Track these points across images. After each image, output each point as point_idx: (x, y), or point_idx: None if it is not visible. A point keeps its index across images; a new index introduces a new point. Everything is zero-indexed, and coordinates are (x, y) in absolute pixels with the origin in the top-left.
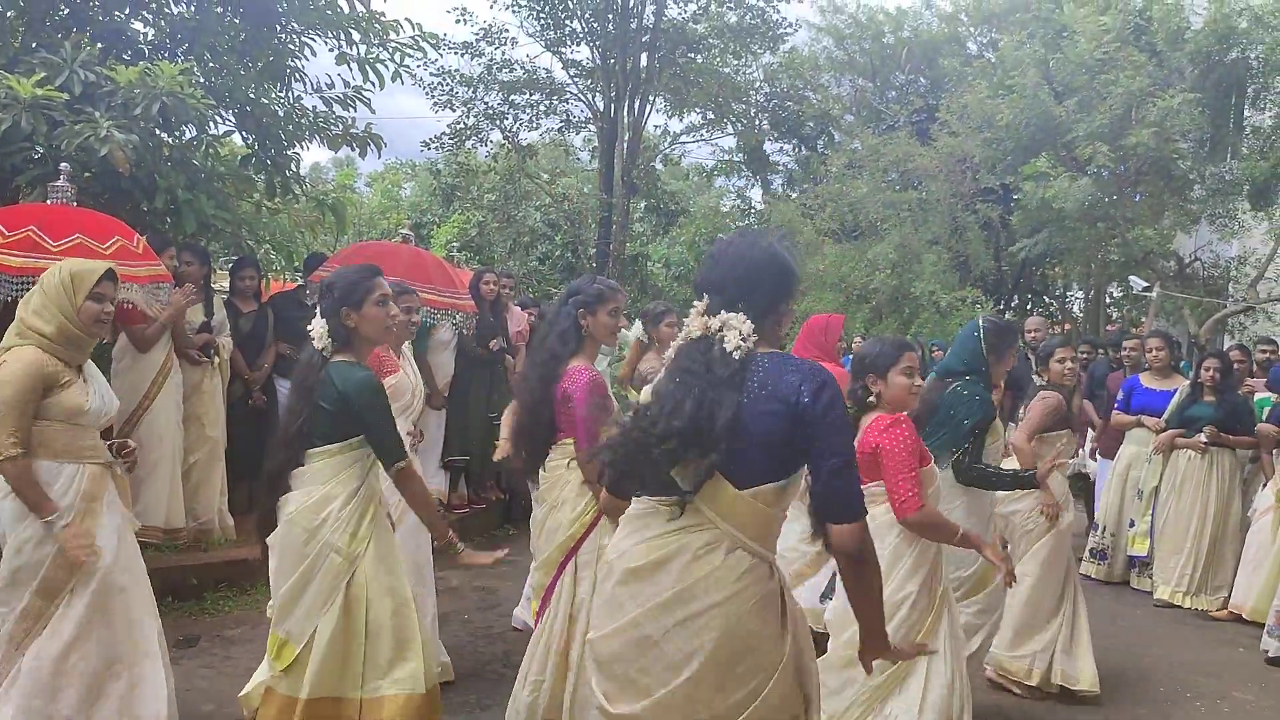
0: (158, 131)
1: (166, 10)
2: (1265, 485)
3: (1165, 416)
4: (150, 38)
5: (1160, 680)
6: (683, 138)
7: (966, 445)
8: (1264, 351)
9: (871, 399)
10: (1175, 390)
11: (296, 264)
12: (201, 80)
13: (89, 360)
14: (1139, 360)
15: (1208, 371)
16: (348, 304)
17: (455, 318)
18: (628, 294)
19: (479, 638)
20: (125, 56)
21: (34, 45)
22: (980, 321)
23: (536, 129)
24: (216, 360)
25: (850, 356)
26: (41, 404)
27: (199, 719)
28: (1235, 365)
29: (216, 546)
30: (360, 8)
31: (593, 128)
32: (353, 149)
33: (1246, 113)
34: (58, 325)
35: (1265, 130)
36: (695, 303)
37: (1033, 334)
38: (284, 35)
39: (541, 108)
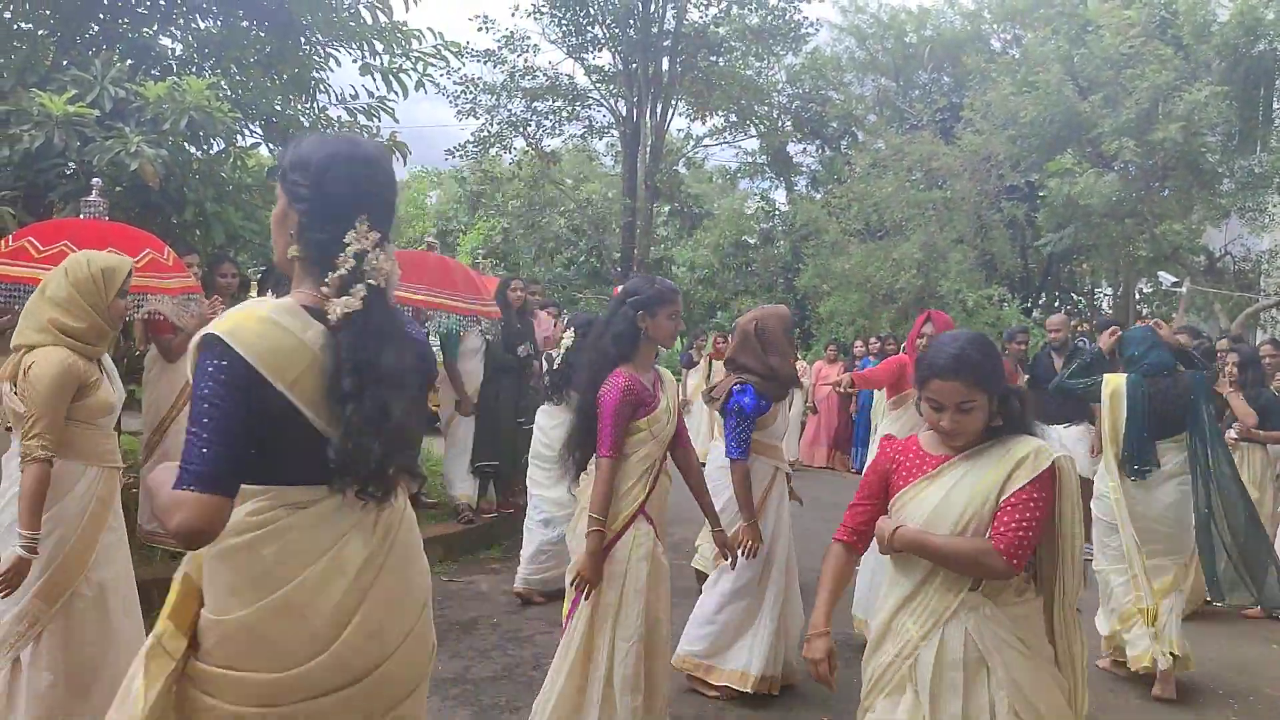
0: (186, 145)
1: (194, 25)
2: None
3: None
4: (178, 53)
5: (1191, 677)
6: (705, 141)
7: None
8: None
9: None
10: None
11: None
12: (228, 93)
13: (105, 354)
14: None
15: (1227, 365)
16: None
17: (482, 325)
18: None
19: (508, 641)
20: (154, 72)
21: (65, 63)
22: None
23: (560, 135)
24: None
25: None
26: (72, 405)
27: None
28: (1268, 360)
29: None
30: (383, 18)
31: (615, 133)
32: None
33: (1275, 105)
34: (89, 322)
35: None
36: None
37: (1054, 333)
38: (308, 47)
39: (564, 114)
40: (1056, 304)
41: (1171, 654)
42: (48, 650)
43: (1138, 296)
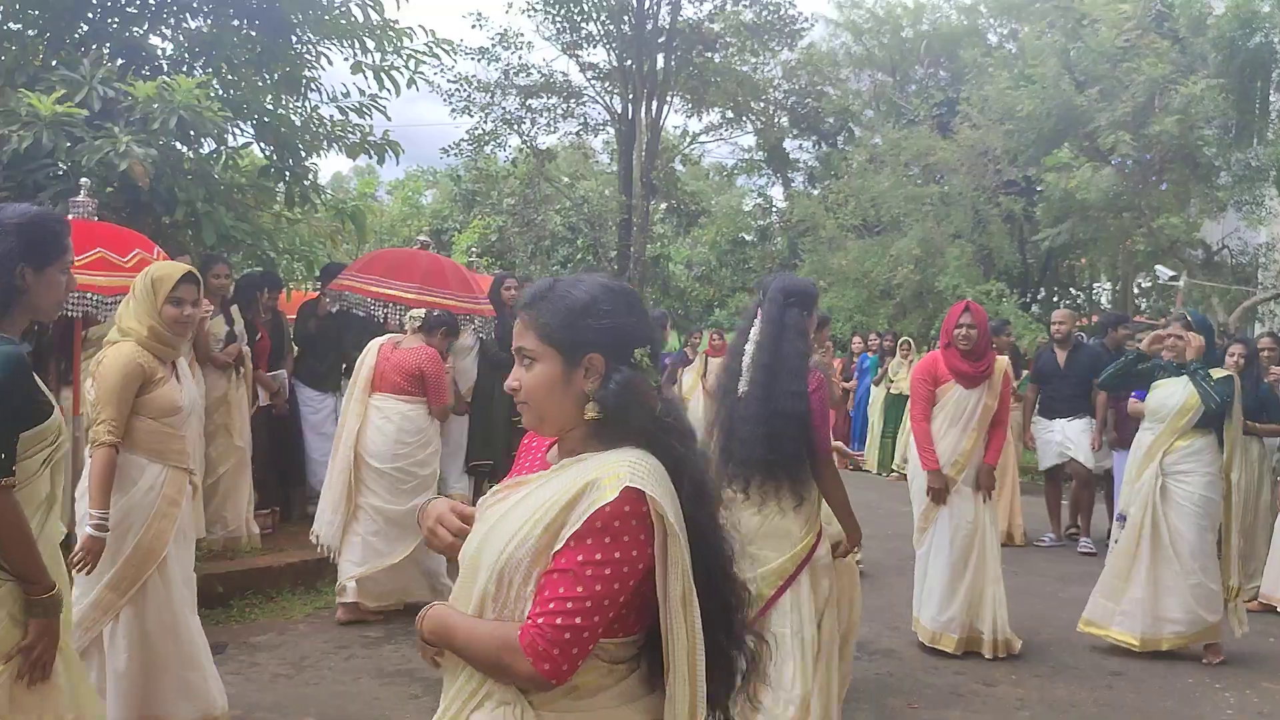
0: (177, 145)
1: (184, 25)
2: None
3: None
4: (168, 52)
5: (1188, 671)
6: (702, 137)
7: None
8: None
9: None
10: None
11: (317, 273)
12: (219, 93)
13: (181, 358)
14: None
15: (1232, 358)
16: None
17: (476, 323)
18: (650, 295)
19: None
20: (144, 72)
21: (54, 63)
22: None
23: (555, 132)
24: (242, 371)
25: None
26: (138, 400)
27: None
28: (1266, 353)
29: (244, 554)
30: (375, 16)
31: (611, 130)
32: (371, 157)
33: (1271, 97)
34: (148, 327)
35: None
36: None
37: (1058, 326)
38: (299, 46)
39: (559, 111)
40: (1055, 299)
41: None
42: (124, 634)
43: (1136, 290)
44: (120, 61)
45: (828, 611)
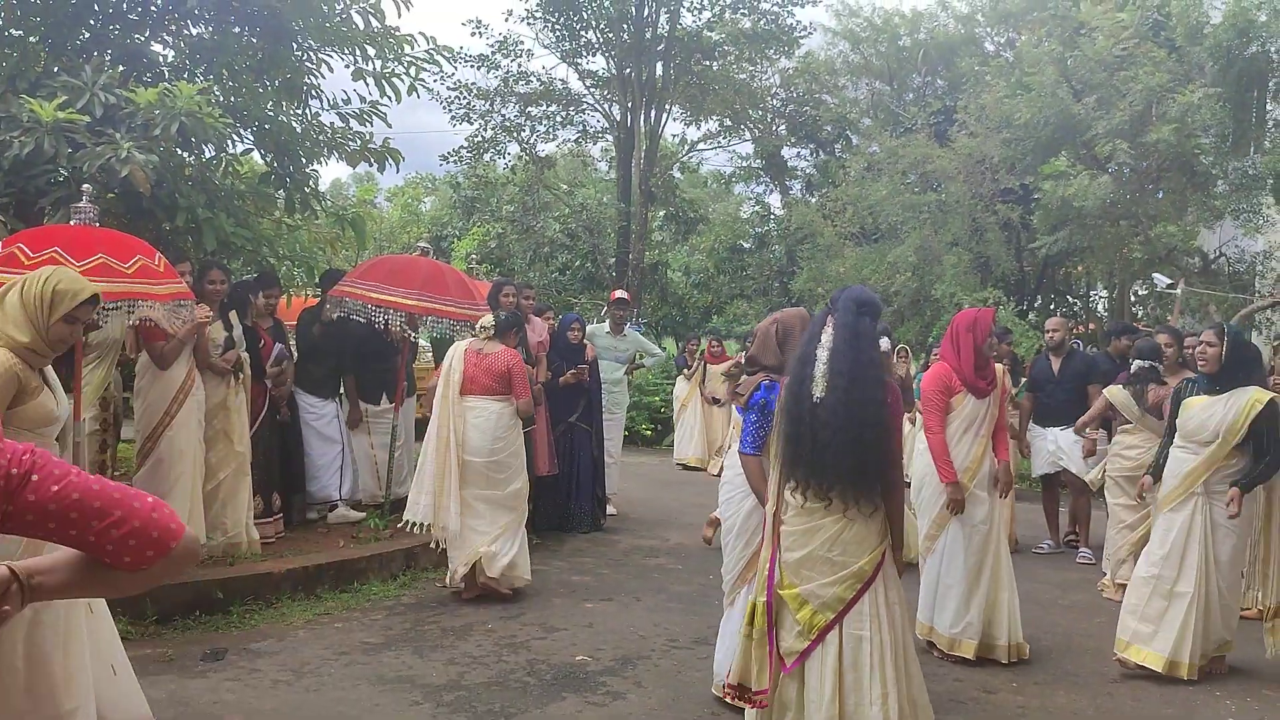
0: (178, 151)
1: (185, 31)
2: None
3: None
4: (170, 59)
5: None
6: (700, 145)
7: None
8: None
9: None
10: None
11: (317, 279)
12: (220, 99)
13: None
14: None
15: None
16: None
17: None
18: (648, 303)
19: (502, 646)
20: (145, 78)
21: (55, 69)
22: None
23: (554, 140)
24: (241, 376)
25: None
26: (10, 412)
27: None
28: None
29: (243, 560)
30: (375, 23)
31: (610, 137)
32: (371, 164)
33: (1268, 106)
34: (30, 337)
35: None
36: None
37: (1051, 334)
38: (300, 53)
39: (558, 118)
40: (1052, 306)
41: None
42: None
43: (1133, 299)
44: (122, 68)
45: (906, 621)
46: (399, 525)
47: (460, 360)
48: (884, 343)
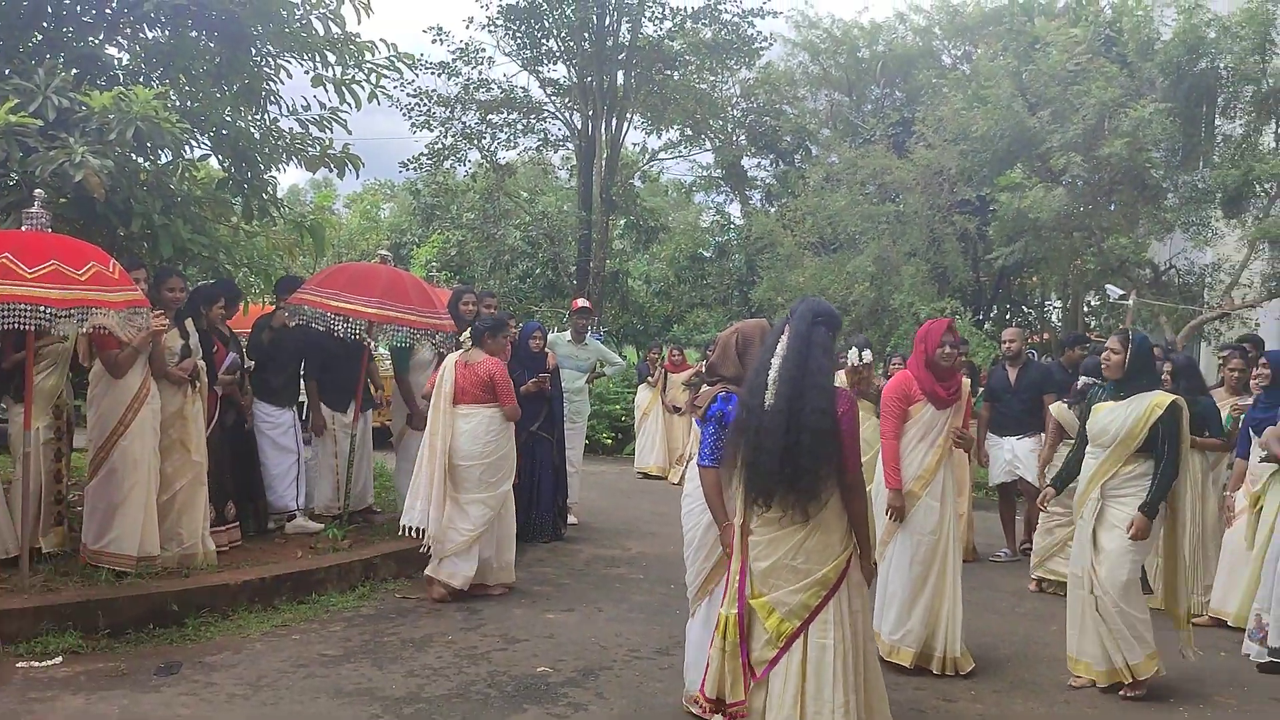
0: (133, 156)
1: (141, 35)
2: (1239, 488)
3: None
4: (125, 63)
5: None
6: (661, 154)
7: None
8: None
9: None
10: None
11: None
12: (177, 104)
13: None
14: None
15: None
16: None
17: (435, 338)
18: (609, 311)
19: (463, 658)
20: (100, 82)
21: (7, 72)
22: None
23: (514, 148)
24: (198, 385)
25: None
26: None
27: None
28: (1236, 373)
29: (199, 571)
30: (335, 29)
31: (571, 146)
32: (330, 170)
33: (1217, 121)
34: None
35: (1236, 139)
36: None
37: (1008, 344)
38: (259, 58)
39: (519, 126)
40: (1008, 316)
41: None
42: None
43: (1086, 309)
44: (75, 71)
45: (868, 631)
46: (400, 531)
47: (451, 371)
48: (867, 355)
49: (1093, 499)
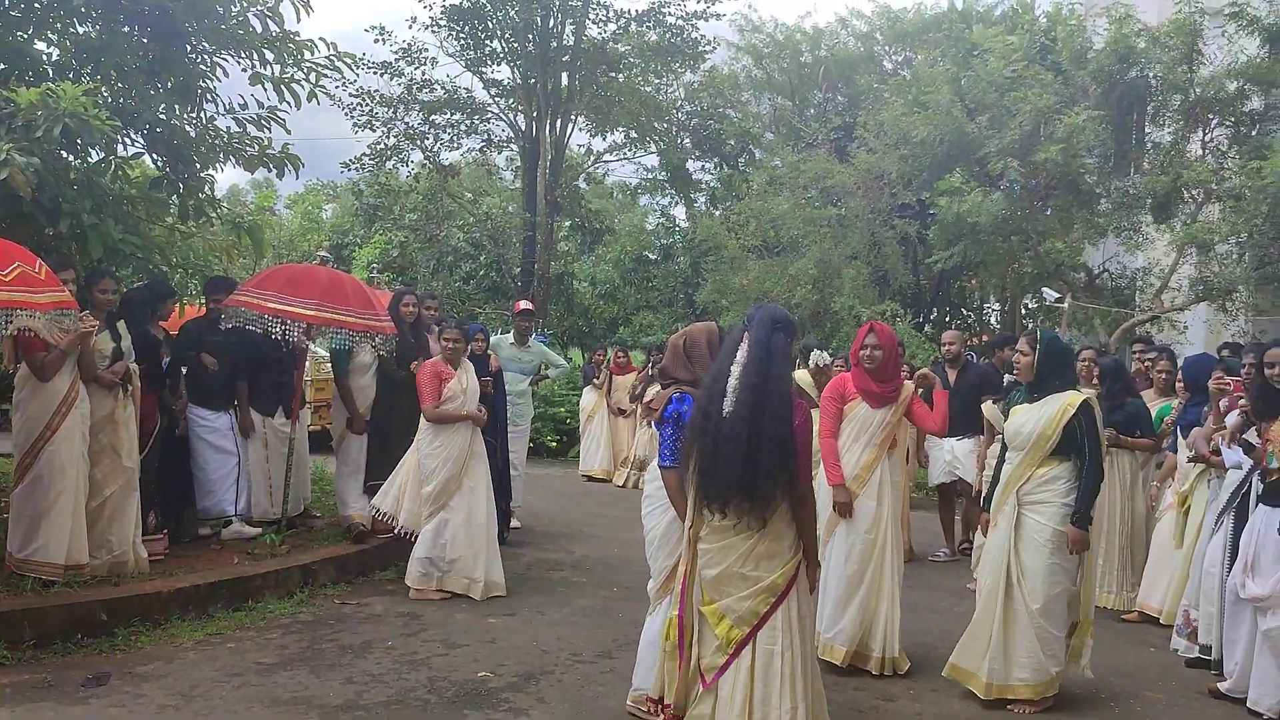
0: (62, 154)
1: (72, 30)
2: (1168, 486)
3: None
4: (54, 58)
5: (1075, 682)
6: (606, 156)
7: None
8: (1136, 354)
9: None
10: None
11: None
12: (108, 101)
13: None
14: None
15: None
16: None
17: (375, 340)
18: (554, 313)
19: (403, 664)
20: (28, 78)
21: None
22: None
23: (458, 148)
24: (130, 389)
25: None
26: None
27: None
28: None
29: (130, 580)
30: (274, 28)
31: (515, 147)
32: (270, 170)
33: (1147, 129)
34: None
35: (1165, 146)
36: None
37: (947, 346)
38: (194, 55)
39: (463, 127)
40: (947, 319)
41: None
42: None
43: (1023, 311)
44: (2, 67)
45: (810, 637)
46: (377, 527)
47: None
48: (824, 356)
49: (1009, 505)
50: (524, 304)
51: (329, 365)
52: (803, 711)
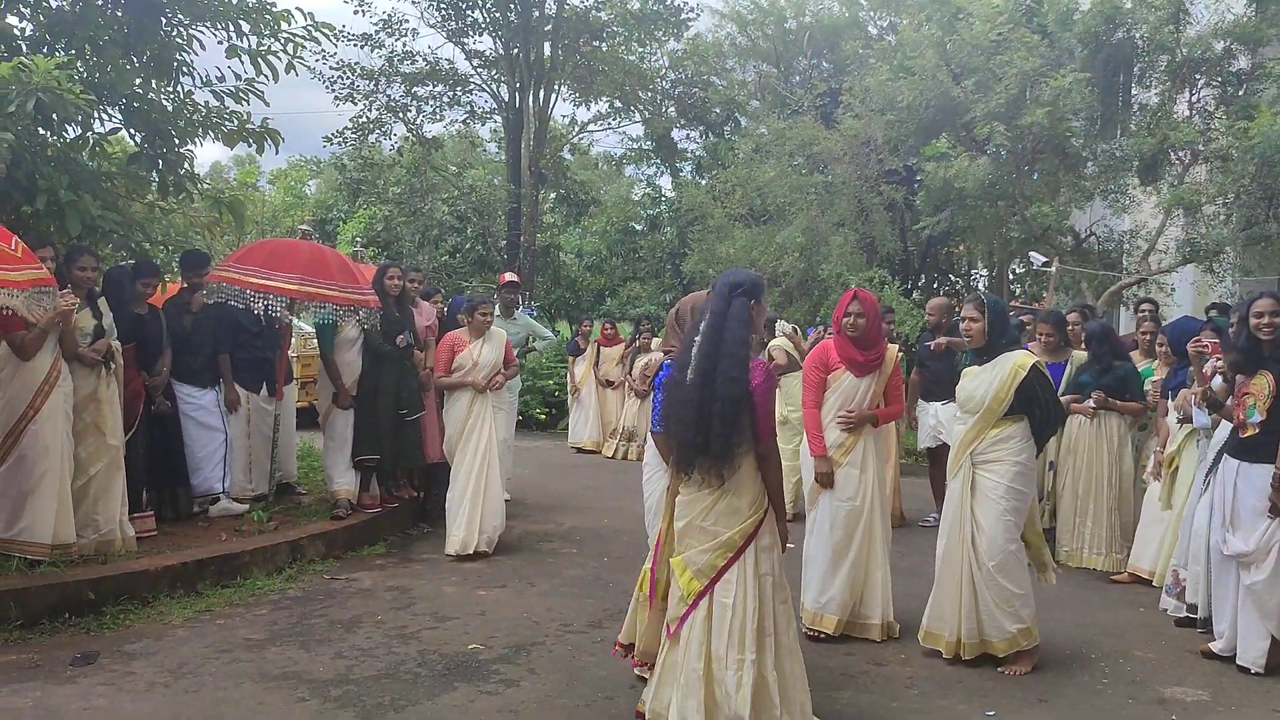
0: (38, 130)
1: (45, 3)
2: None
3: (1060, 390)
4: (27, 33)
5: (1065, 643)
6: (590, 127)
7: None
8: (1145, 314)
9: None
10: (1065, 364)
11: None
12: (83, 75)
13: None
14: (1031, 334)
15: (1041, 336)
16: None
17: (360, 314)
18: (540, 285)
19: (392, 637)
20: (1, 53)
21: None
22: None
23: (441, 121)
24: (114, 367)
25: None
26: None
27: None
28: (1071, 328)
29: (117, 558)
30: None
31: (498, 118)
32: (250, 145)
33: (1133, 91)
34: None
35: (1151, 108)
36: None
37: (929, 317)
38: (170, 28)
39: (445, 99)
40: (935, 285)
41: None
42: None
43: (1011, 276)
44: None
45: (777, 595)
46: (363, 502)
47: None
48: (786, 326)
49: (964, 466)
50: (509, 276)
51: (314, 340)
52: (749, 666)
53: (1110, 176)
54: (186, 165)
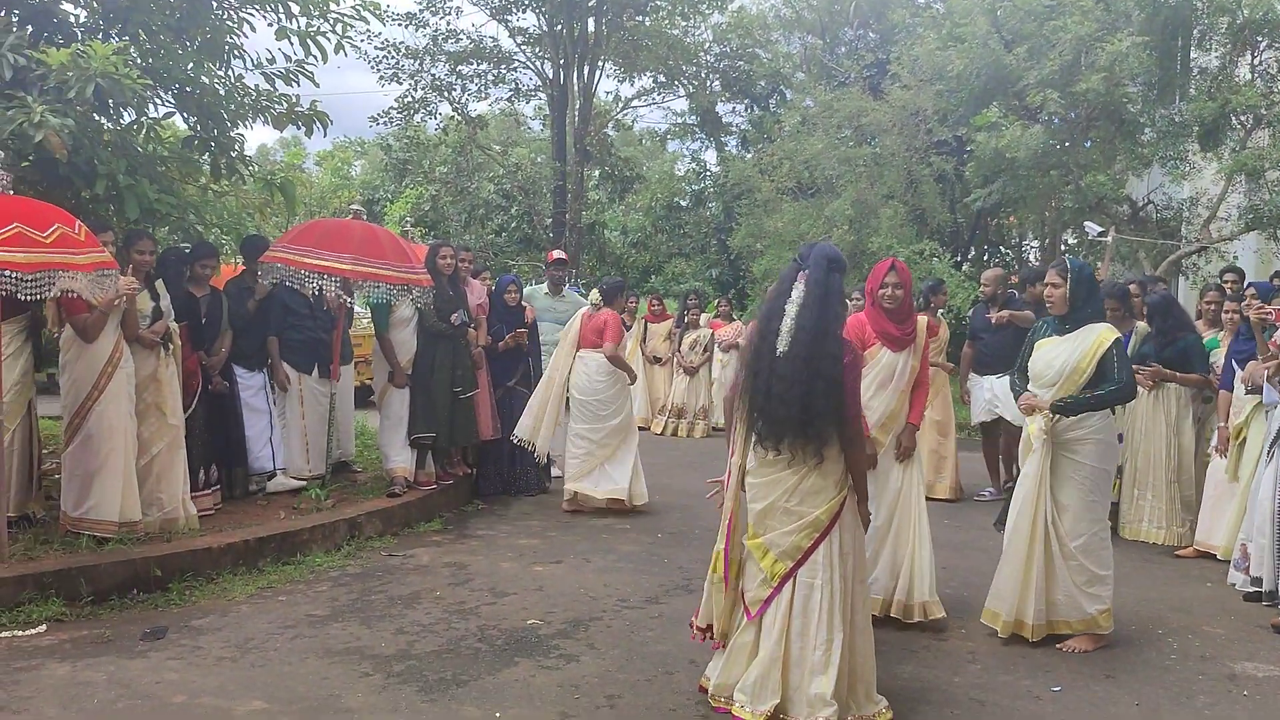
0: (95, 115)
1: None
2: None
3: None
4: (82, 19)
5: (1130, 619)
6: (634, 102)
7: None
8: (1229, 283)
9: None
10: (1130, 335)
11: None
12: (138, 60)
13: None
14: None
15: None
16: None
17: (414, 293)
18: (586, 263)
19: (452, 613)
20: (57, 39)
21: None
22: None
23: (486, 99)
24: (172, 348)
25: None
26: None
27: (171, 711)
28: (1213, 306)
29: (181, 536)
30: None
31: (543, 96)
32: (299, 127)
33: (1193, 54)
34: None
35: (1212, 71)
36: None
37: (984, 288)
38: (220, 11)
39: (490, 77)
40: (986, 257)
41: None
42: None
43: (1064, 248)
44: (30, 28)
45: (857, 574)
46: (420, 480)
47: (578, 321)
48: None
49: (1038, 443)
50: (557, 254)
51: (368, 320)
52: (837, 644)
53: (1169, 143)
54: (238, 148)
